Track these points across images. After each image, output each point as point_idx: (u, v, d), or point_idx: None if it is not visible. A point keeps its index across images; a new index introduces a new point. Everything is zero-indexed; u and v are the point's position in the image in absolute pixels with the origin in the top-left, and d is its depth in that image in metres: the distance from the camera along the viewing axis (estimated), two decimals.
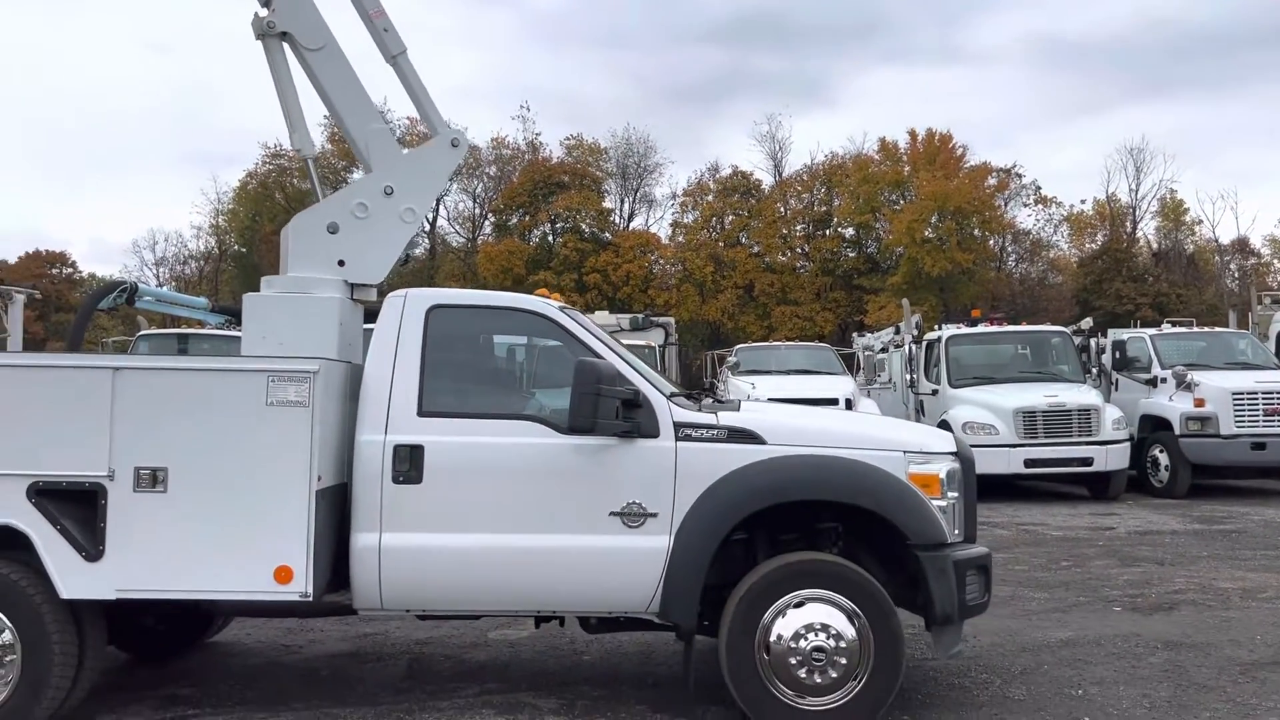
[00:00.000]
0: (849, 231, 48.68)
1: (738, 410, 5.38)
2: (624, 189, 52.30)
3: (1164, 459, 14.90)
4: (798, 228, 49.59)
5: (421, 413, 5.04)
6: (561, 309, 5.37)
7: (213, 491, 4.71)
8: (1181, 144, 78.95)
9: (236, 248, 50.87)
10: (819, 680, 4.90)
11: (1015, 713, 5.34)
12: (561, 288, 44.23)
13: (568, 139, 51.12)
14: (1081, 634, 6.95)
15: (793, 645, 4.90)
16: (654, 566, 4.98)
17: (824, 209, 49.33)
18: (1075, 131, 70.70)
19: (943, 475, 5.23)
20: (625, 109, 74.74)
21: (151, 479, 4.68)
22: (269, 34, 5.93)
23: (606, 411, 4.85)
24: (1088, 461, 14.26)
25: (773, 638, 4.92)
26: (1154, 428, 15.21)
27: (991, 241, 47.02)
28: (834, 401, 15.12)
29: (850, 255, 48.23)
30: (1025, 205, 49.17)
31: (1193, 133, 70.27)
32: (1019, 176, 48.41)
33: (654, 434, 5.06)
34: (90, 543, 4.65)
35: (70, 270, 54.16)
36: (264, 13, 5.93)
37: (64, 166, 72.50)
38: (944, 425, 15.16)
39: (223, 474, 4.72)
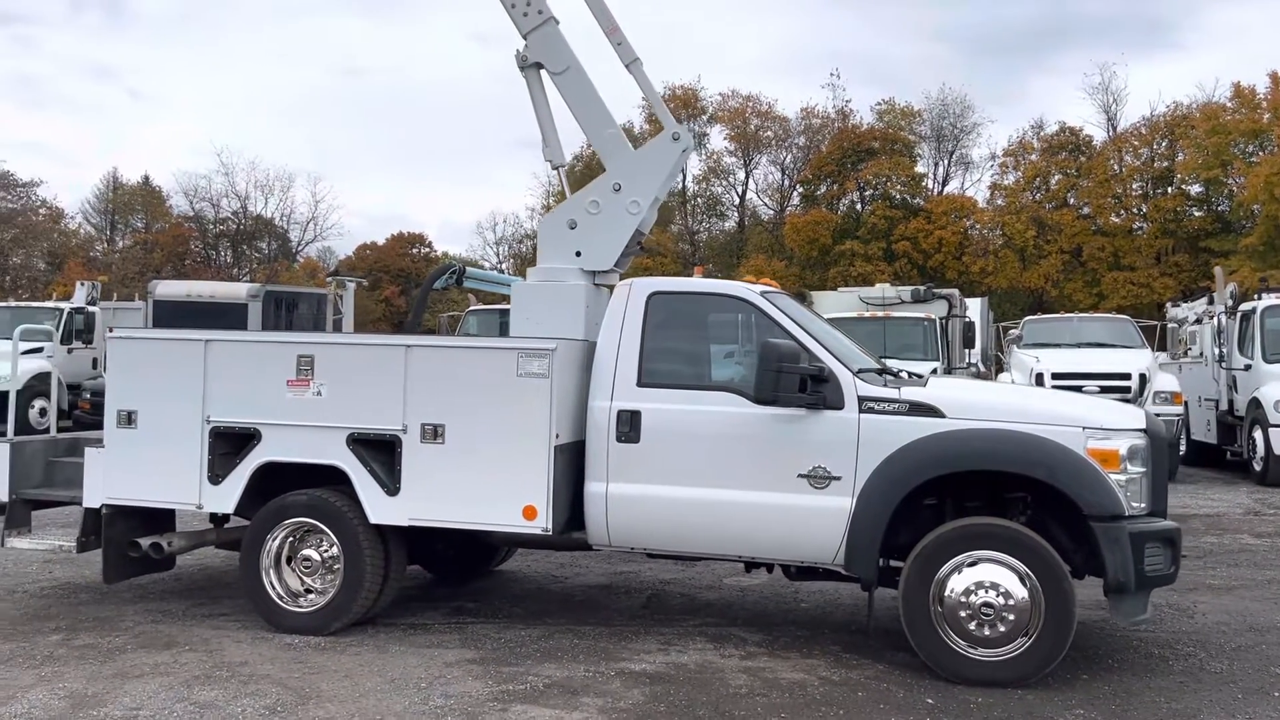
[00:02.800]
0: (1195, 188, 44.45)
1: (923, 386, 5.88)
2: (938, 152, 50.85)
3: None
4: (1134, 186, 45.97)
5: (640, 383, 5.98)
6: (764, 293, 6.10)
7: (477, 444, 5.92)
8: None
9: None
10: (988, 633, 5.36)
11: (1204, 683, 5.48)
12: (869, 256, 44.03)
13: (879, 103, 50.43)
14: None
15: (963, 600, 5.39)
16: (838, 524, 5.64)
17: (1165, 164, 45.34)
18: None
19: (1123, 451, 5.46)
20: (940, 68, 71.87)
21: (433, 433, 5.97)
22: (525, 65, 7.12)
23: (788, 386, 5.56)
24: None
25: (946, 592, 5.43)
26: None
27: None
28: (1125, 377, 14.53)
29: (1196, 214, 44.06)
30: None
31: None
32: None
33: (839, 406, 5.69)
34: (390, 481, 6.01)
35: (427, 250, 60.73)
36: (521, 46, 7.13)
37: (419, 155, 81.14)
38: (1255, 403, 14.19)
39: (485, 430, 5.91)
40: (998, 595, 5.35)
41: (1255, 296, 15.81)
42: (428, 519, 6.01)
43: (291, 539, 6.22)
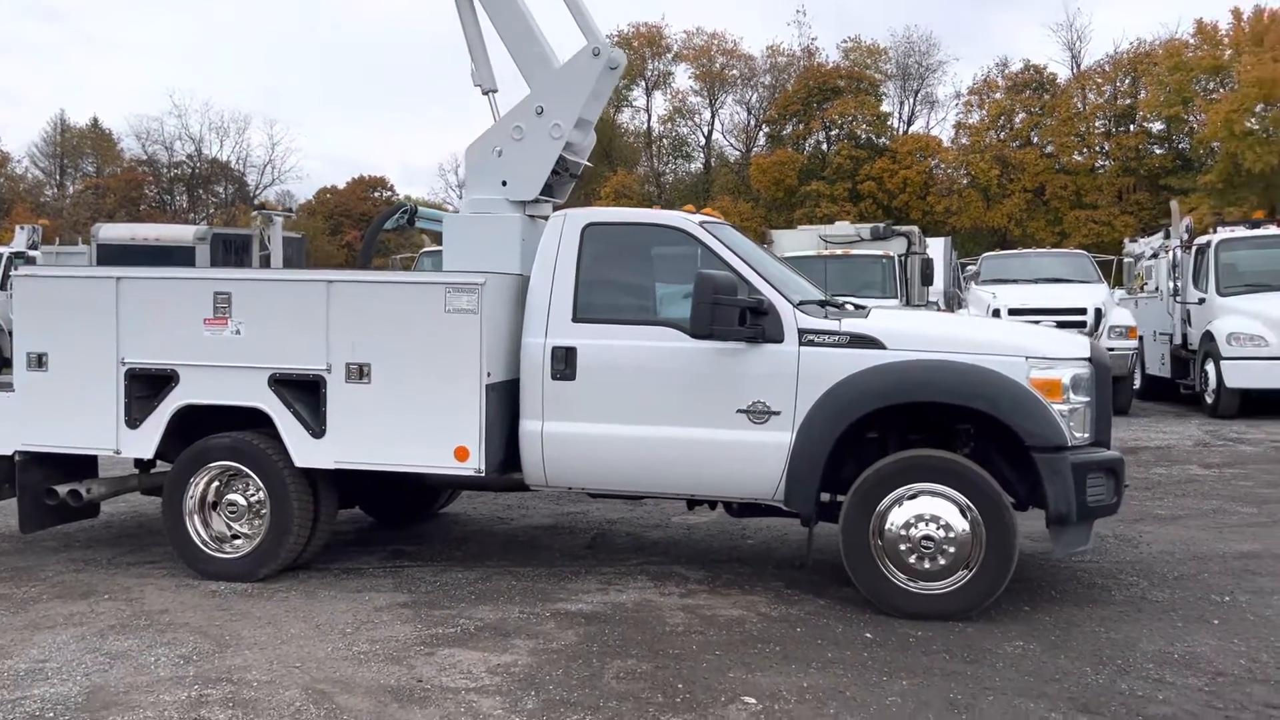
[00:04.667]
0: (1156, 126, 44.59)
1: (864, 318, 5.72)
2: (904, 91, 50.57)
3: None
4: (1097, 124, 46.08)
5: (575, 319, 5.77)
6: (702, 223, 5.89)
7: (405, 384, 5.70)
8: None
9: None
10: (928, 566, 5.27)
11: (1144, 612, 5.43)
12: (834, 197, 43.84)
13: (845, 41, 50.00)
14: (1269, 548, 6.74)
15: (903, 533, 5.28)
16: (777, 459, 5.50)
17: (1128, 102, 45.40)
18: None
19: (1066, 380, 5.35)
20: (906, 5, 71.15)
21: (359, 372, 5.74)
22: None
23: (724, 319, 5.37)
24: None
25: (886, 525, 5.32)
26: None
27: None
28: (1081, 312, 14.53)
29: (1157, 152, 44.26)
30: None
31: None
32: None
33: (779, 339, 5.52)
34: (315, 423, 5.79)
35: (389, 193, 59.80)
36: None
37: (377, 96, 79.57)
38: (1208, 336, 14.22)
39: (413, 369, 5.70)
40: (938, 528, 5.25)
41: (1211, 230, 15.80)
42: (355, 462, 5.81)
43: (216, 483, 6.00)
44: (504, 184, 6.45)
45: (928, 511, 5.28)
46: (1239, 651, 4.82)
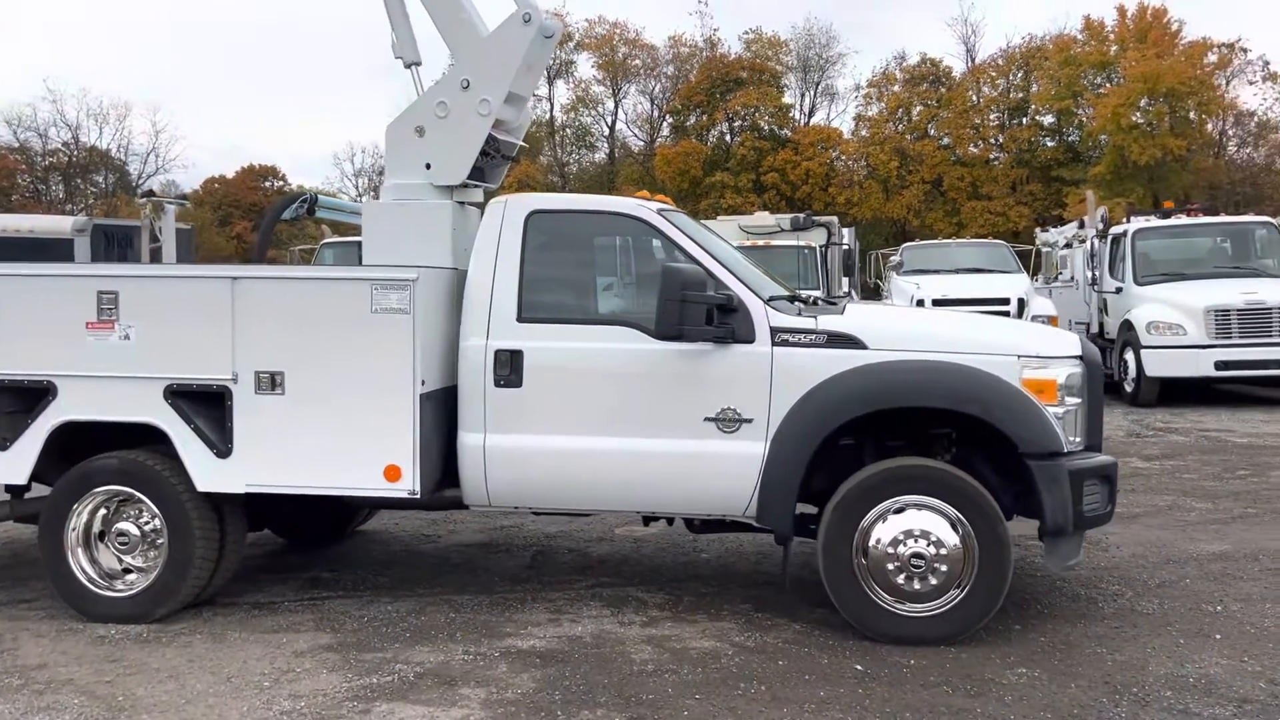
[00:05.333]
0: (1047, 119, 45.57)
1: (841, 314, 5.22)
2: (804, 83, 50.69)
3: None
4: (991, 117, 46.87)
5: (521, 318, 5.14)
6: (660, 211, 5.31)
7: (325, 394, 4.99)
8: None
9: None
10: (918, 587, 4.81)
11: (1139, 627, 5.08)
12: (739, 188, 43.71)
13: (746, 33, 49.82)
14: (1239, 548, 6.50)
15: (891, 551, 4.81)
16: (750, 471, 4.97)
17: (1020, 96, 46.32)
18: None
19: (1061, 381, 4.94)
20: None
21: (270, 382, 5.00)
22: None
23: (693, 318, 4.82)
24: None
25: (871, 543, 4.84)
26: None
27: (1210, 125, 42.99)
28: (1004, 302, 14.46)
29: (1048, 145, 45.22)
30: (1251, 83, 44.46)
31: None
32: (1244, 51, 43.67)
33: (750, 339, 4.98)
34: (220, 440, 5.04)
35: (280, 183, 57.52)
36: None
37: (263, 83, 76.51)
38: (1126, 325, 14.27)
39: (334, 378, 4.99)
40: (929, 544, 4.78)
41: (1125, 220, 15.91)
42: (269, 484, 5.07)
43: (103, 511, 5.20)
44: (428, 167, 5.69)
45: (917, 526, 4.81)
46: (1254, 672, 4.47)
